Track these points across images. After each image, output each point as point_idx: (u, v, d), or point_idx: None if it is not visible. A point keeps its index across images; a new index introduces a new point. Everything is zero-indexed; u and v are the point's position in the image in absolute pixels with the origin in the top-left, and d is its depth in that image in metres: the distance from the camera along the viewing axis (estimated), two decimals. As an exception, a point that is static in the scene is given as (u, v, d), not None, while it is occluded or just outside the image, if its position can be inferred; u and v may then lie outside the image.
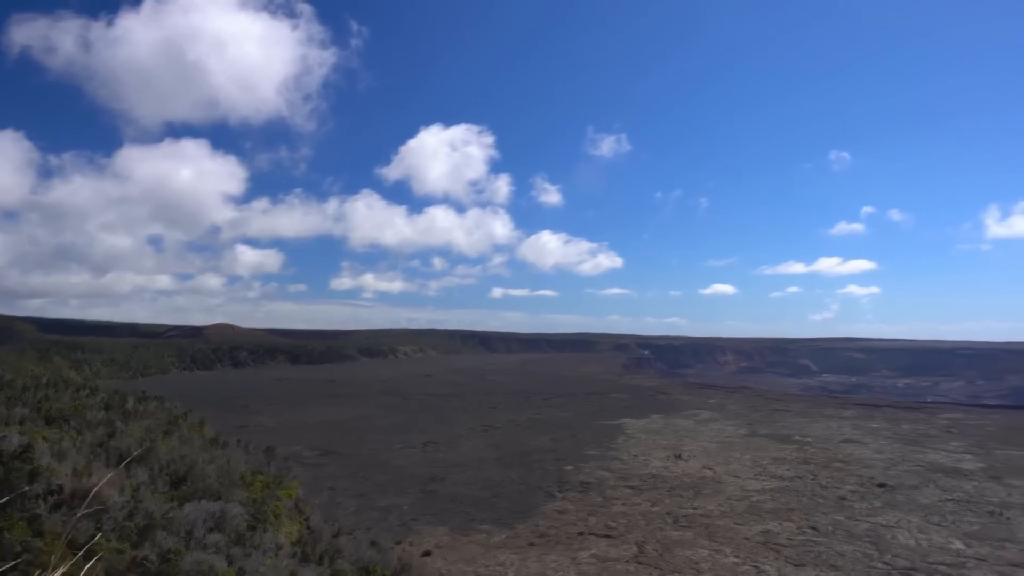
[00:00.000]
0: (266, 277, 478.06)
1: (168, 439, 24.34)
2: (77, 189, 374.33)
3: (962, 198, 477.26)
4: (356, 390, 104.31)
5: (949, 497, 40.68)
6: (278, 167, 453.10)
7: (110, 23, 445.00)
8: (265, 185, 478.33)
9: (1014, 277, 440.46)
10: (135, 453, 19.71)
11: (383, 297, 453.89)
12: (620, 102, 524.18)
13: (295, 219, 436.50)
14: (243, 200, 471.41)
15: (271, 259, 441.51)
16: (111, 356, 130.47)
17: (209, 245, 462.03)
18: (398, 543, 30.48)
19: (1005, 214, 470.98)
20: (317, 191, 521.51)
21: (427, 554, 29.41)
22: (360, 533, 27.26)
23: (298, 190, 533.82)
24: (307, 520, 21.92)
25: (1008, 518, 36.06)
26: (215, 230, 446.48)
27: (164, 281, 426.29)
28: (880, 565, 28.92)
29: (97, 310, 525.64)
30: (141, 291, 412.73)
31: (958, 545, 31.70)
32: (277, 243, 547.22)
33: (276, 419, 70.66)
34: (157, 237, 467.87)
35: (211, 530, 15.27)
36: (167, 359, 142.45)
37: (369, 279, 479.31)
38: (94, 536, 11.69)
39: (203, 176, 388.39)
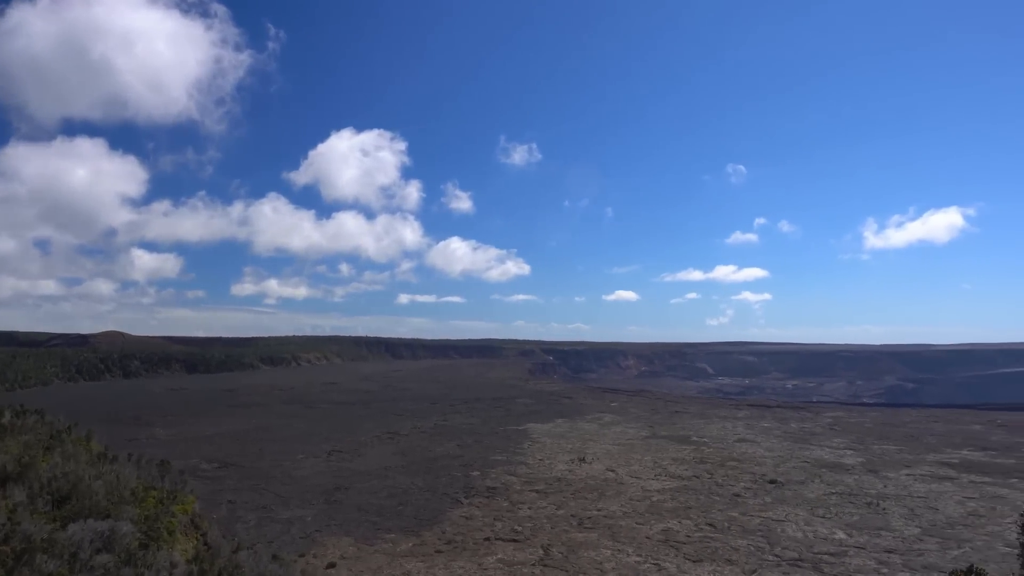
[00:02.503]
0: (162, 282, 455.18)
1: (49, 455, 22.83)
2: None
3: (843, 212, 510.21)
4: (257, 399, 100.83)
5: (832, 491, 43.33)
6: (182, 169, 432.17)
7: (1, 13, 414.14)
8: (167, 187, 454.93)
9: (889, 285, 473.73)
10: (11, 471, 18.46)
11: (286, 303, 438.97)
12: (532, 111, 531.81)
13: (198, 222, 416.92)
14: (142, 202, 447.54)
15: (169, 264, 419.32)
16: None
17: (102, 249, 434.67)
18: (301, 556, 29.78)
19: (881, 227, 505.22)
20: (222, 194, 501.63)
21: (331, 566, 28.85)
22: (261, 547, 26.42)
23: (202, 193, 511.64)
24: (204, 536, 21.04)
25: (884, 508, 38.78)
26: (110, 233, 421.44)
27: (49, 286, 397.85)
28: (771, 557, 30.50)
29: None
30: (23, 297, 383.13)
31: (840, 535, 33.84)
32: (177, 247, 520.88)
33: (171, 431, 67.48)
34: (44, 240, 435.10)
35: (98, 551, 14.45)
36: (49, 369, 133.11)
37: (273, 285, 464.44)
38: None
39: (99, 176, 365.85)
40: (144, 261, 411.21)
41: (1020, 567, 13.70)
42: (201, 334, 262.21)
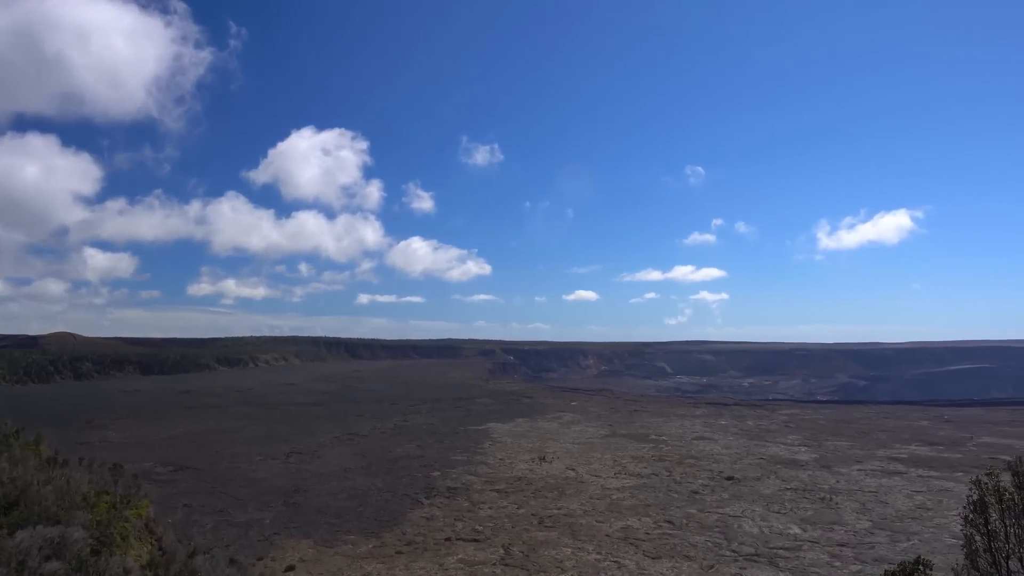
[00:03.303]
0: (116, 283, 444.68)
1: (-3, 460, 22.21)
2: None
3: (798, 213, 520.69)
4: (213, 401, 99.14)
5: (788, 486, 44.29)
6: (139, 167, 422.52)
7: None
8: (122, 185, 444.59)
9: (841, 284, 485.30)
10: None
11: (244, 304, 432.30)
12: (494, 112, 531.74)
13: (154, 221, 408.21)
14: (96, 200, 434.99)
15: (123, 263, 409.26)
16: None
17: (53, 248, 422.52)
18: (260, 559, 29.42)
19: (833, 228, 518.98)
20: (180, 193, 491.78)
21: (290, 569, 28.57)
22: (218, 551, 26.02)
23: (158, 191, 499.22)
24: (159, 541, 20.68)
25: (837, 503, 39.78)
26: (62, 232, 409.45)
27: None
28: (728, 553, 31.08)
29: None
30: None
31: (795, 530, 34.62)
32: (132, 246, 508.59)
33: (124, 434, 65.98)
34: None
35: (48, 558, 14.13)
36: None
37: (230, 285, 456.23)
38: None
39: (50, 174, 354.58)
40: (97, 260, 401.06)
41: (965, 557, 14.19)
42: (156, 335, 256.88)
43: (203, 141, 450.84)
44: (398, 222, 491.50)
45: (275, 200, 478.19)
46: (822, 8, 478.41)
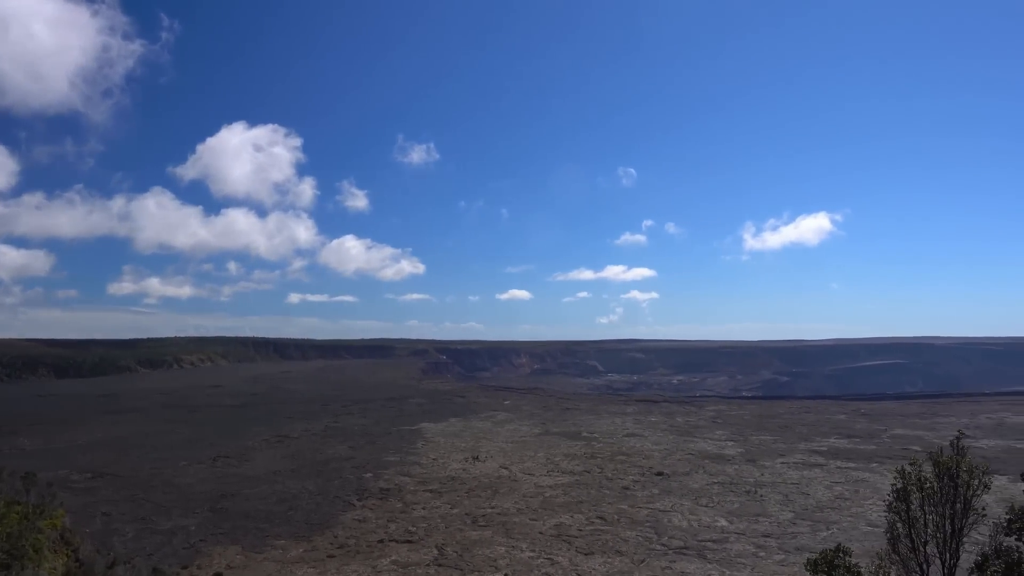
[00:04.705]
0: (30, 281, 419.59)
1: None
2: None
3: (725, 215, 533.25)
4: (135, 404, 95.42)
5: (715, 480, 45.69)
6: (59, 160, 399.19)
7: None
8: (41, 179, 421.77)
9: (766, 284, 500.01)
10: None
11: (168, 303, 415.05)
12: (430, 111, 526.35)
13: (74, 217, 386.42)
14: (11, 194, 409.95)
15: (38, 261, 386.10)
16: None
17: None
18: (184, 568, 28.62)
19: (758, 230, 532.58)
20: (102, 188, 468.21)
21: (217, 576, 27.89)
22: (140, 561, 25.23)
23: (79, 186, 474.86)
24: (76, 552, 19.92)
25: (762, 495, 41.29)
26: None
27: None
28: (658, 547, 31.92)
29: None
30: None
31: (722, 523, 35.79)
32: (49, 243, 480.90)
33: (37, 441, 63.01)
34: None
35: (-45, 573, 13.47)
36: None
37: (154, 284, 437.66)
38: None
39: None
40: (9, 258, 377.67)
41: (887, 543, 14.84)
42: (73, 336, 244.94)
43: (129, 135, 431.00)
44: (331, 220, 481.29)
45: (203, 197, 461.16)
46: (751, 21, 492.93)
